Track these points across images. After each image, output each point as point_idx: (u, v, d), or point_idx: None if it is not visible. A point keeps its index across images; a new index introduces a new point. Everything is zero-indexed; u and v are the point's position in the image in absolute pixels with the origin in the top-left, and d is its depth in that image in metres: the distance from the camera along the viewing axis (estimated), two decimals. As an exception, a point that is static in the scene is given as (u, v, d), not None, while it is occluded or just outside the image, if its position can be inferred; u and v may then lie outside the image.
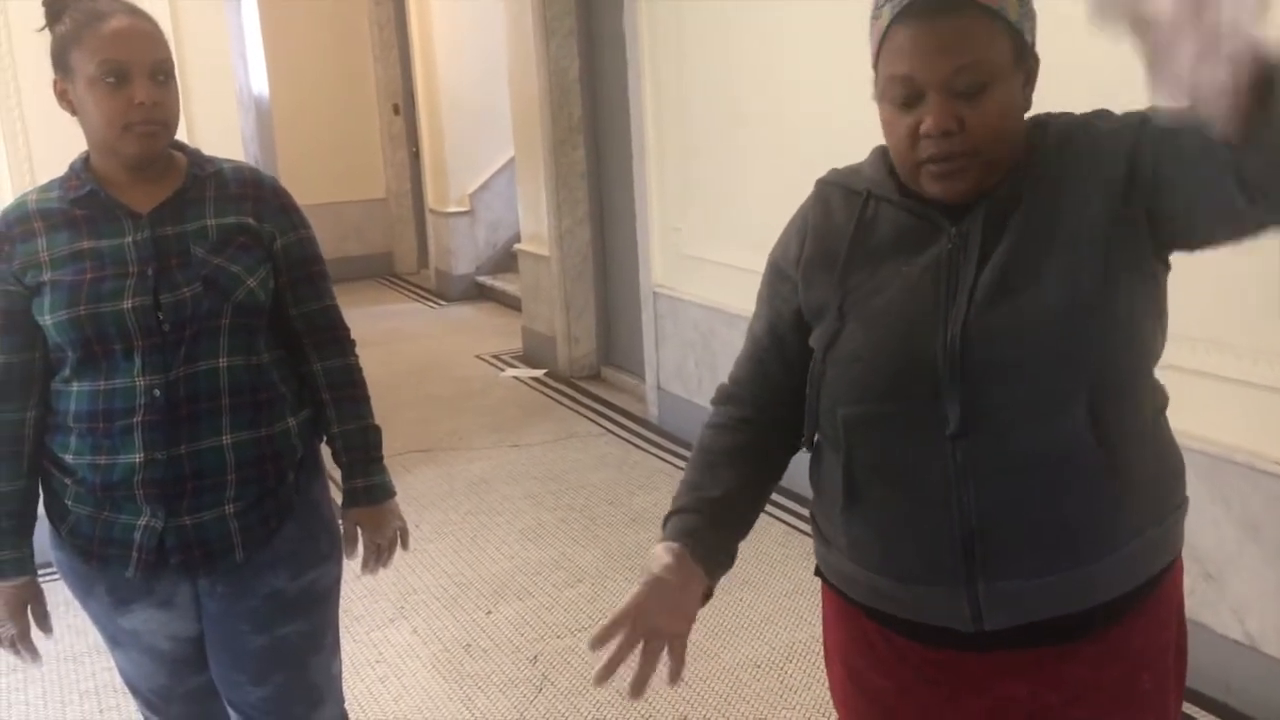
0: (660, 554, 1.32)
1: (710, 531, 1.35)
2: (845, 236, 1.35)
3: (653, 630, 1.28)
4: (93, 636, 3.15)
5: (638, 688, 1.27)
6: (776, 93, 4.05)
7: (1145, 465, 1.29)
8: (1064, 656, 1.31)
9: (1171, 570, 1.36)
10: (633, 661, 1.28)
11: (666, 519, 1.39)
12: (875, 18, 1.26)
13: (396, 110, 9.04)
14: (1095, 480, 1.24)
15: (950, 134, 1.21)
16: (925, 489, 1.27)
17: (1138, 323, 1.27)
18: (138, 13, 1.72)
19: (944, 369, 1.24)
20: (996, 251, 1.25)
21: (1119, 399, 1.25)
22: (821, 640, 1.55)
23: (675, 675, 1.32)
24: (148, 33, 1.70)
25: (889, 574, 1.34)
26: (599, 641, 1.26)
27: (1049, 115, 1.33)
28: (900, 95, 1.24)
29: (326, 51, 8.76)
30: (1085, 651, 1.31)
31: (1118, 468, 1.24)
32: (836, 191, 1.40)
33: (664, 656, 1.30)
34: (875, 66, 1.28)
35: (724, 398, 1.48)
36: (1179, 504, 1.36)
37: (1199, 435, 2.47)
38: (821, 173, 1.46)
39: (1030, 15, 1.26)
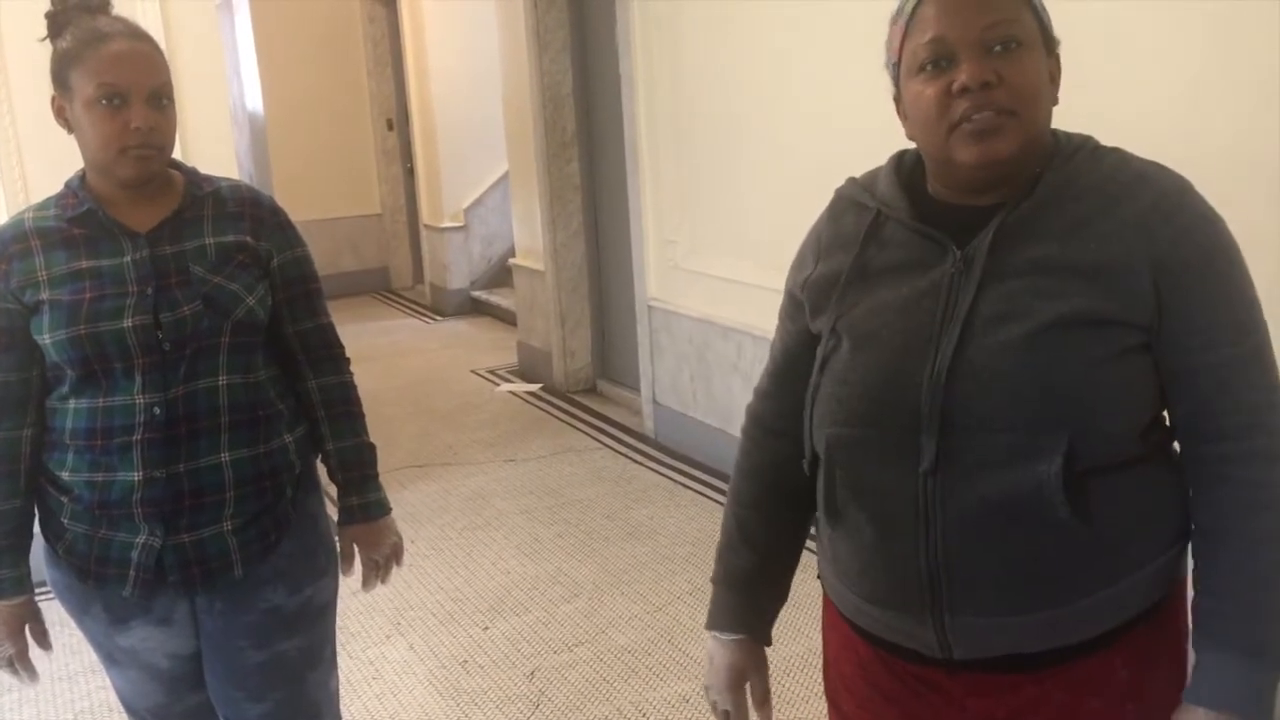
0: (723, 655, 1.49)
1: (757, 604, 1.50)
2: (850, 255, 1.33)
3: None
4: (87, 656, 3.14)
5: None
6: (771, 105, 4.06)
7: (1126, 518, 1.23)
8: (1040, 681, 1.29)
9: (1164, 605, 1.30)
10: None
11: (714, 582, 1.52)
12: (898, 14, 1.25)
13: (390, 125, 9.05)
14: (1063, 533, 1.20)
15: (989, 85, 1.18)
16: (895, 519, 1.26)
17: (1132, 388, 1.22)
18: (139, 35, 1.71)
19: (926, 402, 1.22)
20: (995, 284, 1.21)
21: (1100, 454, 1.20)
22: (816, 653, 1.56)
23: (766, 712, 1.53)
24: (148, 56, 1.70)
25: (864, 595, 1.34)
26: None
27: (1119, 150, 1.27)
28: (930, 62, 1.21)
29: (320, 67, 8.78)
30: (1063, 678, 1.28)
31: (1090, 522, 1.20)
32: (850, 208, 1.38)
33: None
34: (899, 57, 1.25)
35: (749, 416, 1.53)
36: (1174, 540, 1.29)
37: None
38: (815, 186, 1.46)
39: (1049, 17, 1.24)
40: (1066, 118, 1.31)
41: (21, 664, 1.84)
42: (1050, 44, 1.24)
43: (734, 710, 1.50)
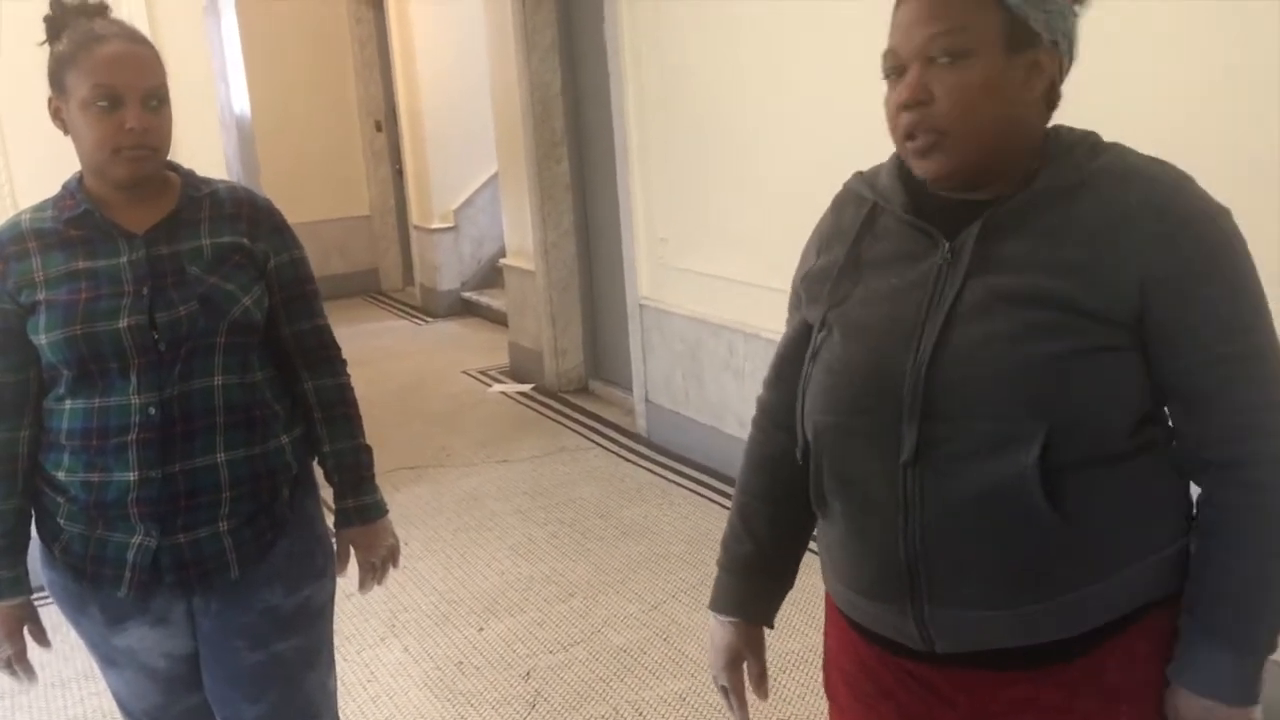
0: (721, 635, 1.52)
1: (756, 590, 1.52)
2: (845, 247, 1.35)
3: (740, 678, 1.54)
4: (80, 662, 3.14)
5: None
6: (759, 101, 4.07)
7: (1111, 514, 1.22)
8: (1034, 680, 1.28)
9: (1157, 607, 1.27)
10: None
11: (718, 565, 1.54)
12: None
13: (379, 127, 9.04)
14: (1042, 526, 1.19)
15: (919, 104, 1.19)
16: (877, 509, 1.27)
17: (1114, 385, 1.20)
18: (135, 37, 1.72)
19: (908, 390, 1.22)
20: (981, 276, 1.22)
21: (1082, 448, 1.19)
22: (813, 650, 1.56)
23: (762, 691, 1.56)
24: (143, 58, 1.70)
25: (850, 585, 1.35)
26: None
27: (1118, 145, 1.26)
28: (889, 71, 1.23)
29: (308, 70, 8.76)
30: (1055, 678, 1.27)
31: (1069, 516, 1.19)
32: (852, 201, 1.40)
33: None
34: None
35: (758, 406, 1.54)
36: (1170, 540, 1.26)
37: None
38: (805, 182, 1.47)
39: (1045, 7, 1.19)
40: (1068, 115, 1.30)
41: (20, 664, 1.84)
42: (1023, 41, 1.19)
43: (730, 687, 1.54)
